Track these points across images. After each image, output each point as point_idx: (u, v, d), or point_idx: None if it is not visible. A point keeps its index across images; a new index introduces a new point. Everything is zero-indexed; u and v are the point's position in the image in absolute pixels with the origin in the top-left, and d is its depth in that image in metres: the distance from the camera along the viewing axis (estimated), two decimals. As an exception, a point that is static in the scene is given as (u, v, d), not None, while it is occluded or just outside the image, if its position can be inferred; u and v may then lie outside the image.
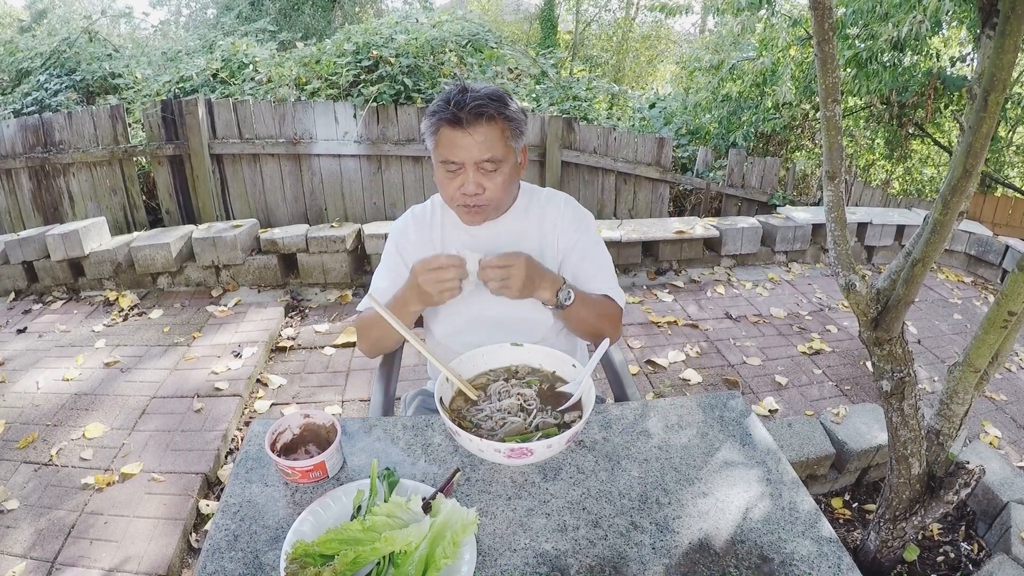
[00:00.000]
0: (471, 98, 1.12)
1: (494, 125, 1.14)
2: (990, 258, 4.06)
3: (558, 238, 1.31)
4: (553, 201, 1.34)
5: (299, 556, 0.71)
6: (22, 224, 4.06)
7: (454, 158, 1.14)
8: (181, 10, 12.35)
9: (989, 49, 0.94)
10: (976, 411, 2.53)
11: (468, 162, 1.14)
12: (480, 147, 1.13)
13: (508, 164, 1.19)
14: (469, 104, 1.11)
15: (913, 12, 4.14)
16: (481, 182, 1.16)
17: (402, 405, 1.46)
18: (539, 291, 1.13)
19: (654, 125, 5.95)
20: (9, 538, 1.74)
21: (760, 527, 0.82)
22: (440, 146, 1.16)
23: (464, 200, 1.19)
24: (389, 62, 4.45)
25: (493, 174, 1.17)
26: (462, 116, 1.11)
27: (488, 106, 1.12)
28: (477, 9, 12.55)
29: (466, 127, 1.12)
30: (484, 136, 1.13)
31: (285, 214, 4.23)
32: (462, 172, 1.16)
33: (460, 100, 1.12)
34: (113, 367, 2.64)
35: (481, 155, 1.14)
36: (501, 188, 1.19)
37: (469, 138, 1.12)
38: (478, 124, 1.12)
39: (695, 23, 14.99)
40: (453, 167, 1.16)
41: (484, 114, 1.12)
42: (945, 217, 1.06)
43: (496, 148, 1.15)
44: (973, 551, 1.67)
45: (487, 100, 1.12)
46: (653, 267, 3.97)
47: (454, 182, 1.17)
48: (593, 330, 1.25)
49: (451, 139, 1.14)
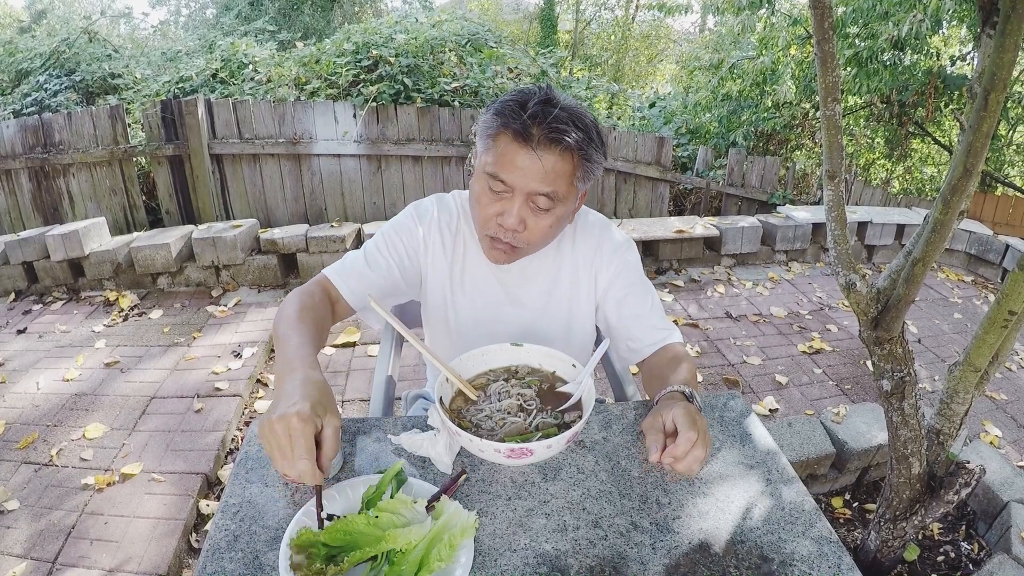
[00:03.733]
0: (555, 116, 0.91)
1: (568, 159, 0.93)
2: (990, 257, 4.06)
3: (596, 276, 1.15)
4: (587, 228, 1.16)
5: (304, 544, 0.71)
6: (22, 224, 4.06)
7: (506, 177, 0.93)
8: (180, 10, 12.36)
9: (989, 48, 0.94)
10: (976, 411, 2.53)
11: (520, 189, 0.94)
12: (541, 178, 0.92)
13: (565, 207, 0.99)
14: (550, 121, 0.90)
15: (913, 11, 4.14)
16: (526, 218, 0.96)
17: (402, 405, 1.46)
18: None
19: (654, 124, 5.96)
20: (9, 538, 1.74)
21: (760, 527, 0.82)
22: (493, 156, 0.95)
23: (497, 232, 0.99)
24: (389, 62, 4.45)
25: (543, 214, 0.97)
26: (535, 133, 0.91)
27: (570, 134, 0.91)
28: (477, 9, 12.56)
29: (535, 147, 0.91)
30: (552, 166, 0.92)
31: (285, 214, 4.23)
32: (508, 198, 0.96)
33: (539, 112, 0.91)
34: (113, 367, 2.64)
35: (539, 187, 0.93)
36: (545, 233, 1.00)
37: (534, 161, 0.91)
38: (550, 150, 0.91)
39: (695, 22, 15.00)
40: (500, 187, 0.95)
41: (562, 142, 0.91)
42: (945, 216, 1.06)
43: (559, 184, 0.94)
44: (973, 551, 1.67)
45: (571, 126, 0.91)
46: (653, 266, 3.97)
47: (494, 206, 0.97)
48: None
49: (511, 154, 0.92)
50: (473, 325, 1.19)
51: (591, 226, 1.17)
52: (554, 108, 0.92)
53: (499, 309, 1.18)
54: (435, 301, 1.20)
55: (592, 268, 1.15)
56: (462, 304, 1.18)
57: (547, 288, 1.16)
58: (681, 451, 0.81)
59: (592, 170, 0.98)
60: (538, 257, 1.14)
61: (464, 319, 1.19)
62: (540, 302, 1.18)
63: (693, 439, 0.80)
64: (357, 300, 1.10)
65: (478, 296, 1.17)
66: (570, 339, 1.21)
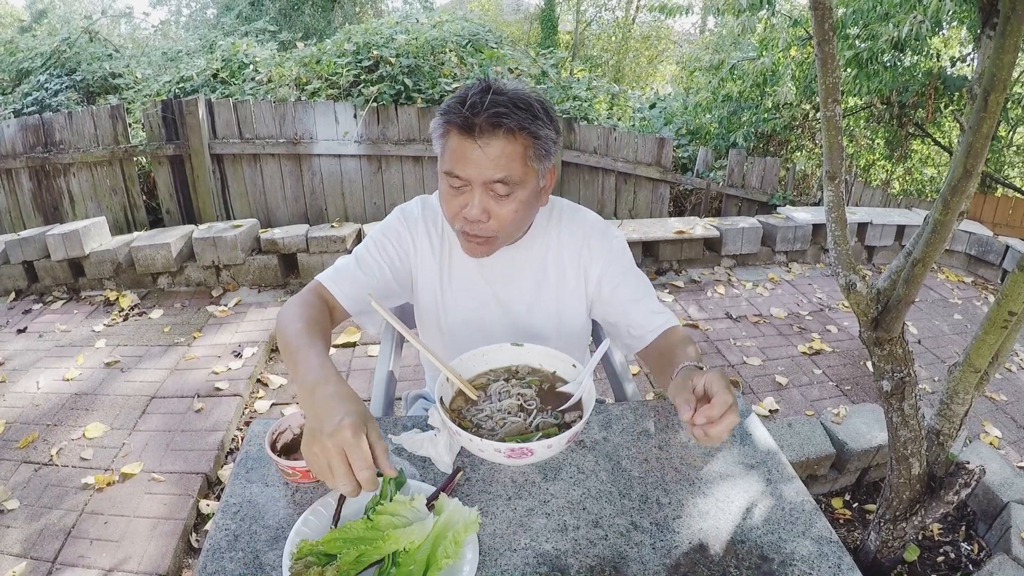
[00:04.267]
0: (492, 102, 0.91)
1: (514, 140, 0.93)
2: (990, 258, 4.06)
3: (586, 271, 1.14)
4: (575, 220, 1.16)
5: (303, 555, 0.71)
6: (22, 224, 4.06)
7: (460, 172, 0.95)
8: (181, 10, 12.36)
9: (989, 49, 0.94)
10: (976, 411, 2.53)
11: (476, 180, 0.95)
12: (492, 164, 0.93)
13: (526, 189, 0.98)
14: (488, 108, 0.91)
15: (913, 12, 4.14)
16: (488, 207, 0.97)
17: (402, 405, 1.46)
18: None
19: (654, 125, 5.96)
20: (9, 538, 1.74)
21: (760, 527, 0.82)
22: (446, 154, 0.97)
23: (465, 226, 1.00)
24: (389, 62, 4.46)
25: (504, 200, 0.97)
26: (476, 123, 0.91)
27: (511, 116, 0.91)
28: (477, 9, 12.57)
29: (478, 138, 0.92)
30: (500, 151, 0.93)
31: (285, 214, 4.23)
32: (467, 191, 0.97)
33: (477, 102, 0.92)
34: (113, 367, 2.64)
35: (492, 174, 0.94)
36: (511, 219, 0.99)
37: (480, 152, 0.92)
38: (494, 136, 0.92)
39: (695, 23, 14.99)
40: (457, 183, 0.96)
41: (503, 125, 0.91)
42: (945, 217, 1.06)
43: (512, 168, 0.94)
44: (973, 551, 1.67)
45: (511, 108, 0.92)
46: (653, 267, 3.97)
47: (456, 200, 0.98)
48: None
49: (460, 149, 0.94)
50: (463, 323, 1.19)
51: (576, 221, 1.16)
52: (491, 95, 0.93)
53: (487, 307, 1.18)
54: (426, 302, 1.20)
55: (580, 263, 1.15)
56: (451, 303, 1.18)
57: (534, 284, 1.15)
58: (717, 412, 0.77)
59: (544, 147, 0.97)
60: (522, 252, 1.14)
61: (453, 318, 1.19)
62: (528, 298, 1.18)
63: (729, 402, 0.78)
64: (352, 304, 1.10)
65: (465, 294, 1.18)
66: (561, 334, 1.20)
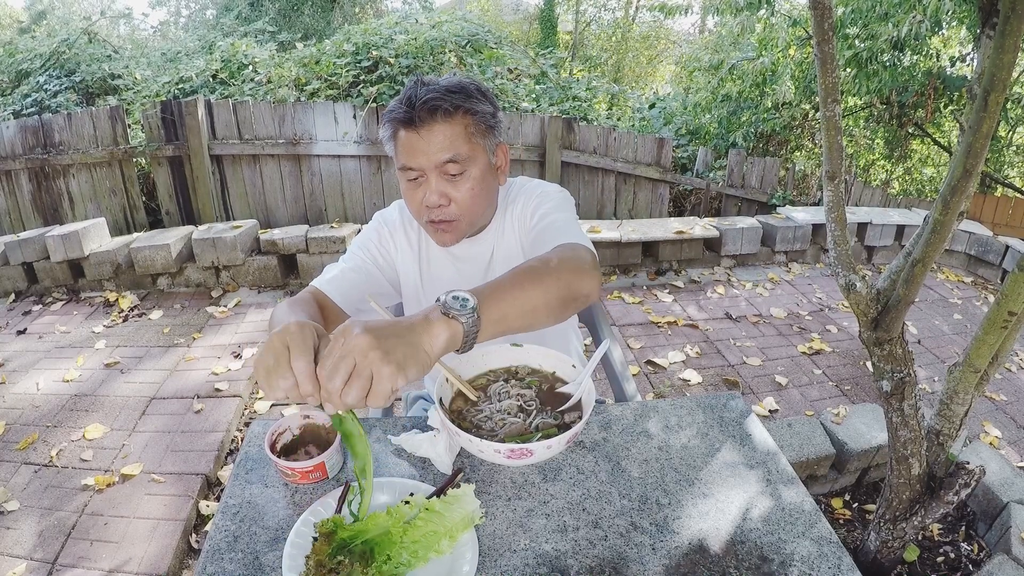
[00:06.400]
0: (425, 92, 0.97)
1: (453, 121, 0.99)
2: (990, 258, 4.06)
3: (523, 232, 1.14)
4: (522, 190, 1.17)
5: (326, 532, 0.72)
6: (22, 225, 4.05)
7: (412, 163, 1.00)
8: (180, 11, 12.36)
9: (989, 49, 0.94)
10: (976, 411, 2.53)
11: (428, 167, 1.00)
12: (438, 147, 0.98)
13: (477, 166, 1.02)
14: (423, 98, 0.97)
15: (913, 12, 4.14)
16: (445, 191, 1.01)
17: (402, 405, 1.46)
18: (423, 340, 0.70)
19: (654, 125, 5.96)
20: (9, 539, 1.74)
21: (760, 527, 0.82)
22: (398, 152, 1.02)
23: (429, 214, 1.04)
24: (389, 62, 4.46)
25: (458, 180, 1.01)
26: (415, 115, 0.97)
27: (444, 99, 0.97)
28: (477, 9, 12.56)
29: (420, 127, 0.98)
30: (442, 134, 0.98)
31: (285, 215, 4.23)
32: (424, 180, 1.02)
33: (414, 95, 0.98)
34: (113, 368, 2.64)
35: (440, 156, 0.98)
36: (470, 197, 1.03)
37: (424, 140, 0.98)
38: (433, 122, 0.97)
39: (695, 23, 15.00)
40: (412, 175, 1.02)
41: (439, 108, 0.97)
42: (945, 217, 1.06)
43: (458, 146, 0.99)
44: (973, 551, 1.67)
45: (443, 93, 0.98)
46: (653, 267, 3.97)
47: (416, 193, 1.03)
48: (559, 300, 0.85)
49: (407, 142, 1.00)
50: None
51: (524, 193, 1.16)
52: (424, 86, 0.99)
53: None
54: (409, 300, 1.25)
55: (522, 227, 1.14)
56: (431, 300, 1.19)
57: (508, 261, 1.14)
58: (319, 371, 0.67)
59: (484, 121, 1.02)
60: (489, 240, 1.16)
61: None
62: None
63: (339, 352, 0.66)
64: (347, 302, 1.10)
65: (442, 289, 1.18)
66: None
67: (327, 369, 0.65)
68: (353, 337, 0.66)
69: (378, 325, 0.68)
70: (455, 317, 0.72)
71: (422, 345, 0.69)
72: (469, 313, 0.73)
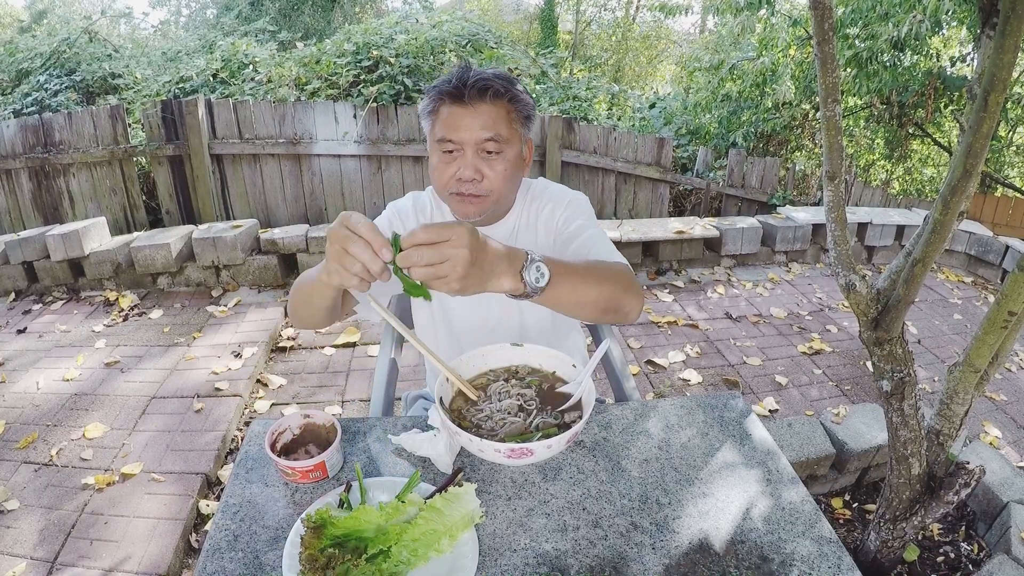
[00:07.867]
0: (476, 74, 1.04)
1: (499, 104, 1.05)
2: (990, 258, 4.06)
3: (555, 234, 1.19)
4: (546, 192, 1.23)
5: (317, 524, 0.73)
6: (22, 224, 4.05)
7: (453, 137, 1.05)
8: (181, 10, 12.36)
9: (989, 49, 0.94)
10: (976, 411, 2.53)
11: (468, 143, 1.05)
12: (483, 126, 1.04)
13: (512, 151, 1.09)
14: (473, 79, 1.03)
15: (913, 12, 4.14)
16: (481, 167, 1.06)
17: (402, 405, 1.46)
18: (495, 277, 0.79)
19: (654, 125, 5.96)
20: (9, 538, 1.74)
21: (760, 527, 0.82)
22: (438, 125, 1.07)
23: (459, 187, 1.07)
24: (389, 62, 4.45)
25: (495, 160, 1.06)
26: (465, 91, 1.03)
27: (494, 83, 1.04)
28: (477, 9, 12.55)
29: (468, 103, 1.03)
30: (488, 114, 1.04)
31: (285, 214, 4.23)
32: (460, 155, 1.06)
33: (465, 76, 1.04)
34: (113, 367, 2.64)
35: (483, 134, 1.04)
36: (502, 177, 1.08)
37: (471, 116, 1.03)
38: (482, 101, 1.04)
39: (695, 23, 15.00)
40: (451, 147, 1.06)
41: (489, 89, 1.03)
42: (945, 217, 1.06)
43: (500, 127, 1.05)
44: (973, 551, 1.67)
45: (493, 78, 1.05)
46: (653, 267, 3.97)
47: (451, 167, 1.07)
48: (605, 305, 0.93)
49: (451, 116, 1.05)
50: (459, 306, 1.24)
51: (550, 190, 1.23)
52: (474, 70, 1.06)
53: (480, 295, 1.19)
54: None
55: (548, 226, 1.20)
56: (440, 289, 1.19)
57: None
58: (416, 237, 0.75)
59: (524, 111, 1.09)
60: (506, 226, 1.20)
61: (449, 302, 1.24)
62: None
63: (443, 236, 0.74)
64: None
65: None
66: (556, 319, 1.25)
67: (431, 230, 0.73)
68: (459, 227, 0.74)
69: (482, 235, 0.77)
70: (526, 282, 0.81)
71: (491, 280, 0.79)
72: (537, 288, 0.82)
